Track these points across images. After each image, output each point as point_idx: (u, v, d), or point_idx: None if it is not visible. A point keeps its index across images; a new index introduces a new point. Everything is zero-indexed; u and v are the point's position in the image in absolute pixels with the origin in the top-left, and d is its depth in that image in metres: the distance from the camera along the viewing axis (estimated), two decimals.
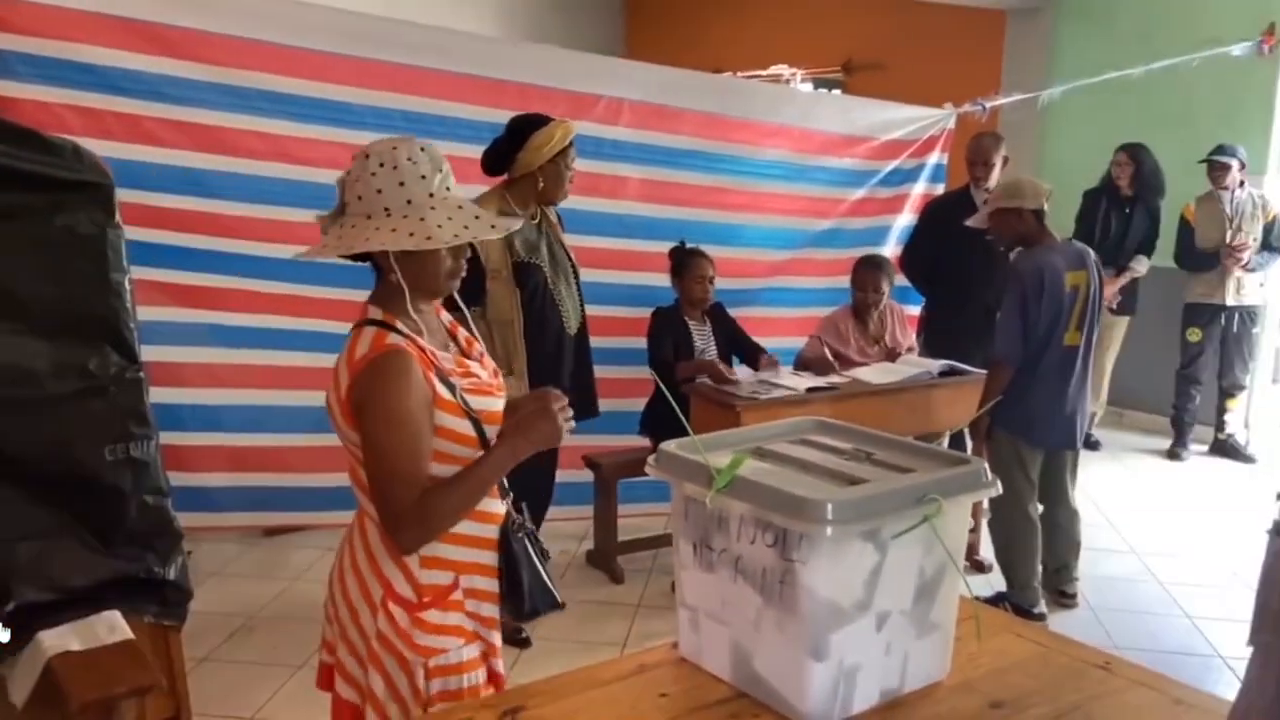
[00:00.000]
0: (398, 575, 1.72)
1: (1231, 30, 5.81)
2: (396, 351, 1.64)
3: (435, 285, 1.73)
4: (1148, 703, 1.60)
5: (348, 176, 1.69)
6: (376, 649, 1.72)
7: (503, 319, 3.31)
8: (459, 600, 1.76)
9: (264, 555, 4.30)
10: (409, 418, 1.64)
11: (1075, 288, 3.67)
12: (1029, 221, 3.69)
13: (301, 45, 3.57)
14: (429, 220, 1.62)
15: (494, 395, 1.78)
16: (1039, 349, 3.65)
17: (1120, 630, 3.76)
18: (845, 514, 1.41)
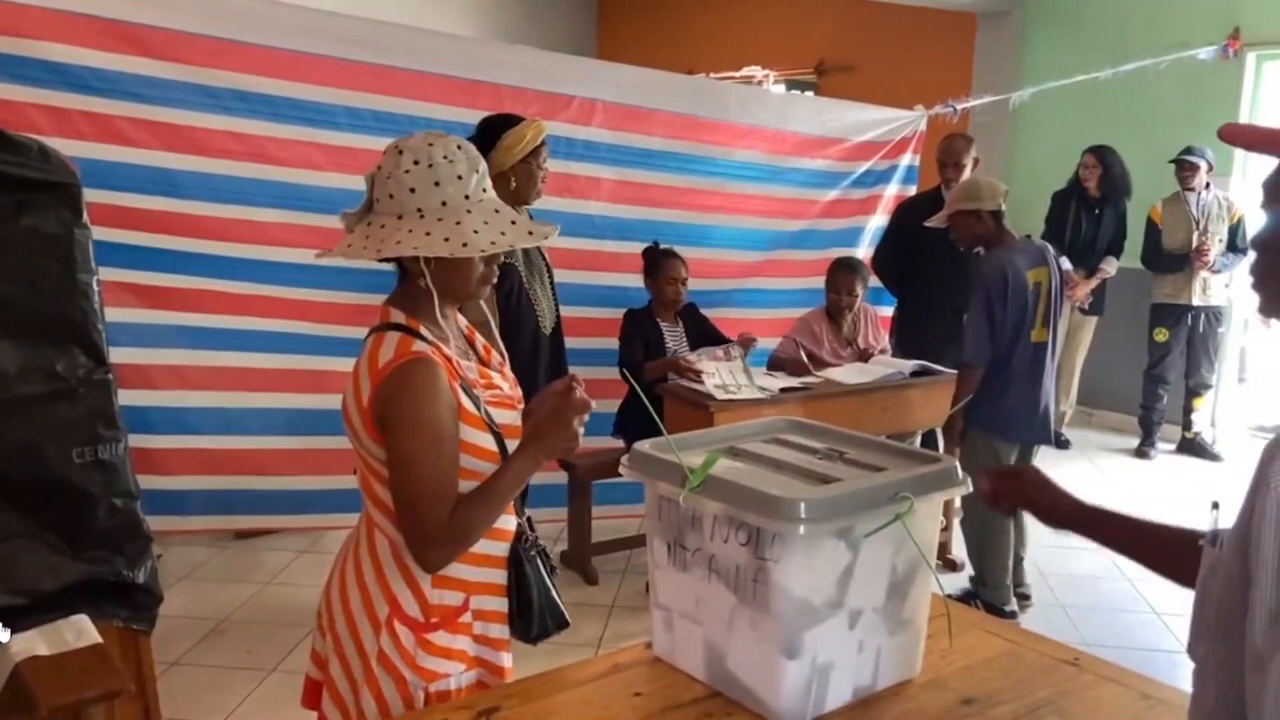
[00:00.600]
0: (407, 594, 1.64)
1: (1197, 34, 5.90)
2: (424, 360, 1.55)
3: (466, 291, 1.64)
4: (1116, 698, 1.62)
5: (378, 172, 1.58)
6: (375, 669, 1.63)
7: (477, 320, 3.30)
8: (468, 623, 1.68)
9: (235, 558, 4.27)
10: (440, 430, 1.55)
11: (1038, 285, 3.72)
12: (987, 222, 3.73)
13: (274, 45, 3.54)
14: (465, 224, 1.53)
15: (513, 407, 1.71)
16: (1008, 348, 3.69)
17: (1090, 627, 3.81)
18: (818, 513, 1.42)
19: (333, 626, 1.70)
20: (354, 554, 1.70)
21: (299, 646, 3.49)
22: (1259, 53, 5.99)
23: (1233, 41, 5.90)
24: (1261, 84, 6.08)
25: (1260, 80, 6.08)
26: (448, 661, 1.66)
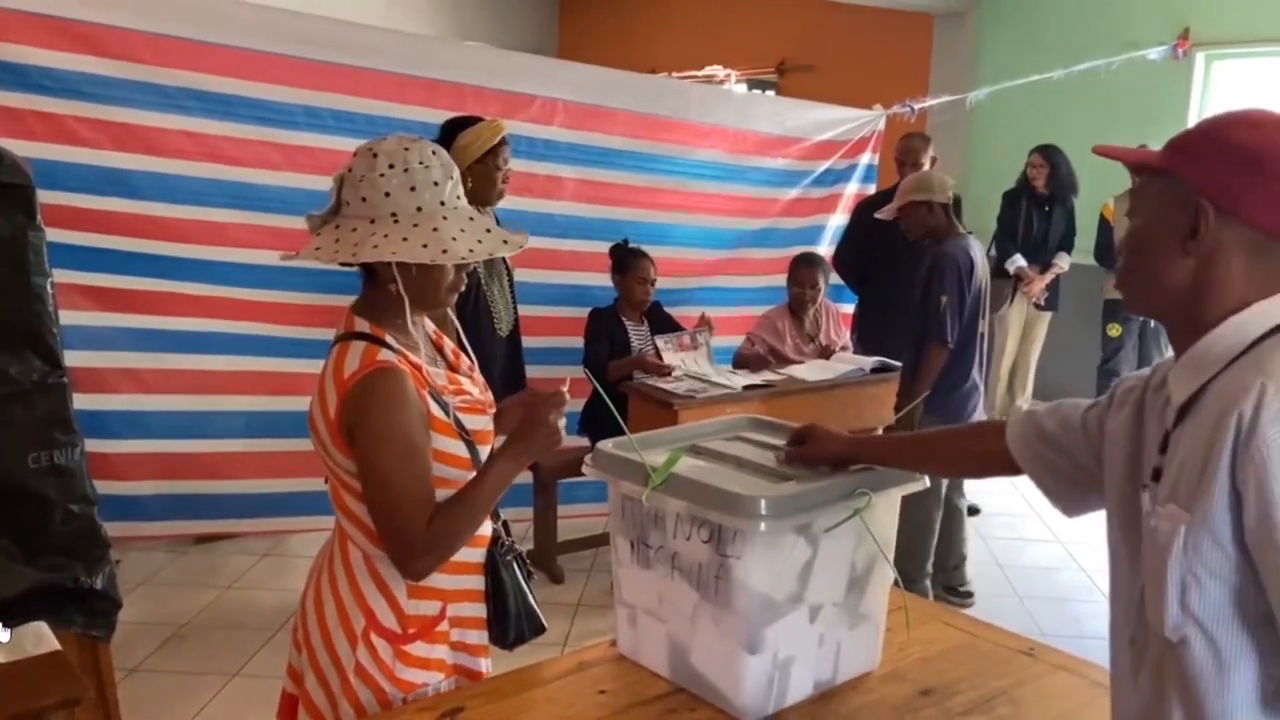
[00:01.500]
0: (382, 605, 1.61)
1: (1148, 35, 6.01)
2: (390, 369, 1.53)
3: (436, 299, 1.61)
4: (1068, 686, 1.66)
5: (348, 174, 1.54)
6: (353, 681, 1.60)
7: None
8: (445, 632, 1.66)
9: (195, 563, 4.22)
10: (411, 438, 1.53)
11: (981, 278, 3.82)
12: (938, 215, 3.78)
13: (229, 43, 3.50)
14: (442, 231, 1.51)
15: (485, 413, 1.70)
16: (965, 335, 3.74)
17: (1046, 617, 3.88)
18: (778, 510, 1.45)
19: (308, 640, 1.67)
20: (328, 566, 1.68)
21: (261, 651, 3.46)
22: (1208, 52, 6.12)
23: (1182, 41, 6.02)
24: (1210, 83, 6.21)
25: (1209, 79, 6.21)
26: (426, 672, 1.64)
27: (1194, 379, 1.09)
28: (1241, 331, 1.07)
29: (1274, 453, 0.96)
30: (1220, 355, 1.07)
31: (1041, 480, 1.40)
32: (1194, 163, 1.10)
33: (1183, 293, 1.11)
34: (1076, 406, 1.37)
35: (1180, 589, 1.05)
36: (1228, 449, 0.99)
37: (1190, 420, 1.08)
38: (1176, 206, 1.09)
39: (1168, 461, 1.10)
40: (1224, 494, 1.00)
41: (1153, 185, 1.15)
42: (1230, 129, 1.09)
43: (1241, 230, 1.07)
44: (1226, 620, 1.03)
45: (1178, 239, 1.09)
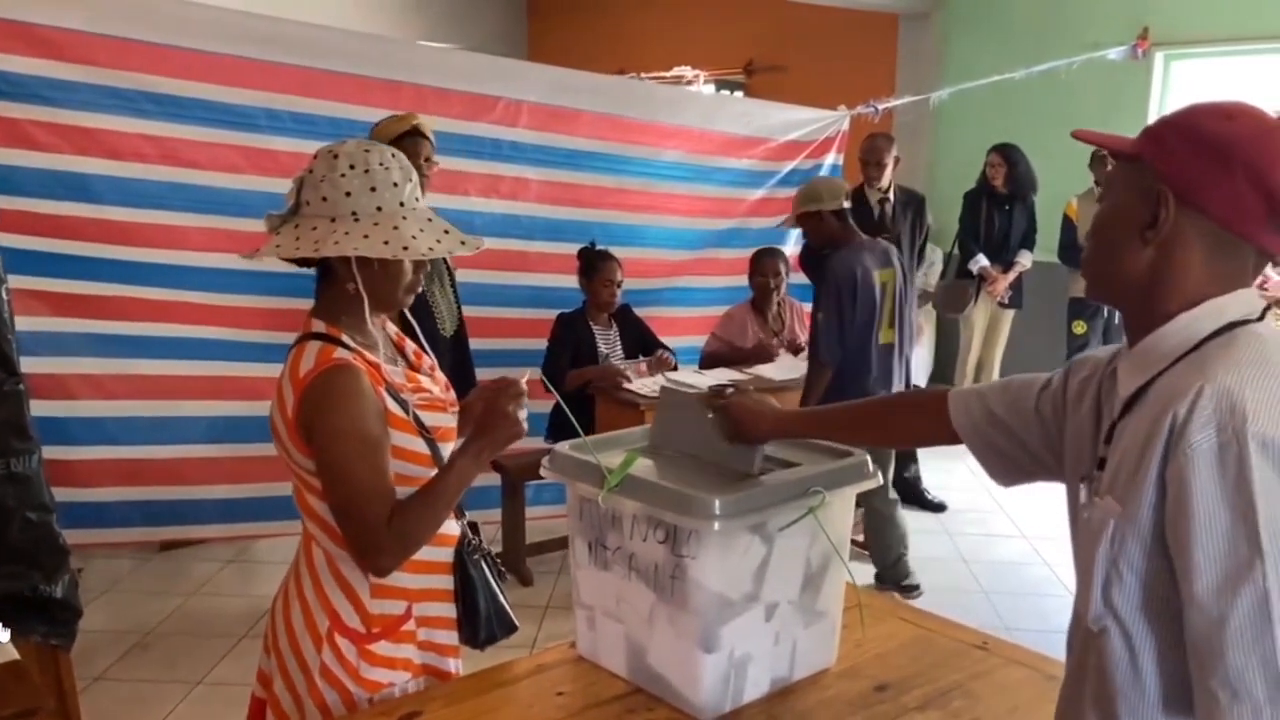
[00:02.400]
0: (346, 606, 1.61)
1: (1109, 35, 6.08)
2: (344, 366, 1.54)
3: (393, 299, 1.62)
4: (1022, 679, 1.68)
5: (309, 175, 1.56)
6: (319, 682, 1.60)
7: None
8: (411, 631, 1.66)
9: (159, 570, 4.18)
10: (367, 434, 1.53)
11: (884, 285, 3.71)
12: (831, 222, 3.71)
13: (188, 46, 3.47)
14: (402, 229, 1.53)
15: (446, 411, 1.70)
16: (858, 349, 3.66)
17: (1011, 611, 3.91)
18: (732, 509, 1.46)
19: (276, 644, 1.67)
20: (295, 568, 1.68)
21: (225, 658, 3.44)
22: (1167, 52, 6.20)
23: (1142, 41, 6.10)
24: (1170, 82, 6.30)
25: (1168, 78, 6.29)
26: (391, 671, 1.64)
27: (1141, 373, 1.10)
28: (1191, 328, 1.06)
29: (1199, 455, 0.97)
30: (1168, 352, 1.07)
31: (986, 460, 1.38)
32: (1162, 150, 1.08)
33: (1140, 282, 1.10)
34: (1028, 388, 1.34)
35: (1104, 581, 1.06)
36: (1160, 448, 1.00)
37: (1134, 413, 1.09)
38: (1140, 194, 1.09)
39: (1111, 452, 1.11)
40: (1152, 491, 1.02)
41: (1122, 171, 1.14)
42: (1203, 119, 1.07)
43: (1201, 222, 1.06)
44: (1142, 615, 1.05)
45: (1138, 227, 1.09)
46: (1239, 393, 0.97)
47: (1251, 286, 1.09)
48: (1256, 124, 1.05)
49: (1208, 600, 0.96)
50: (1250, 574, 0.94)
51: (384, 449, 1.56)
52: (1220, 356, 1.02)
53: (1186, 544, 0.98)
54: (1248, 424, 0.95)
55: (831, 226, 3.71)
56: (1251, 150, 1.03)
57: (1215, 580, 0.96)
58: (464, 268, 3.76)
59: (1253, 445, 0.95)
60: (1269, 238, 1.06)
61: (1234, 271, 1.08)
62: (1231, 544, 0.95)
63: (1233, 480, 0.95)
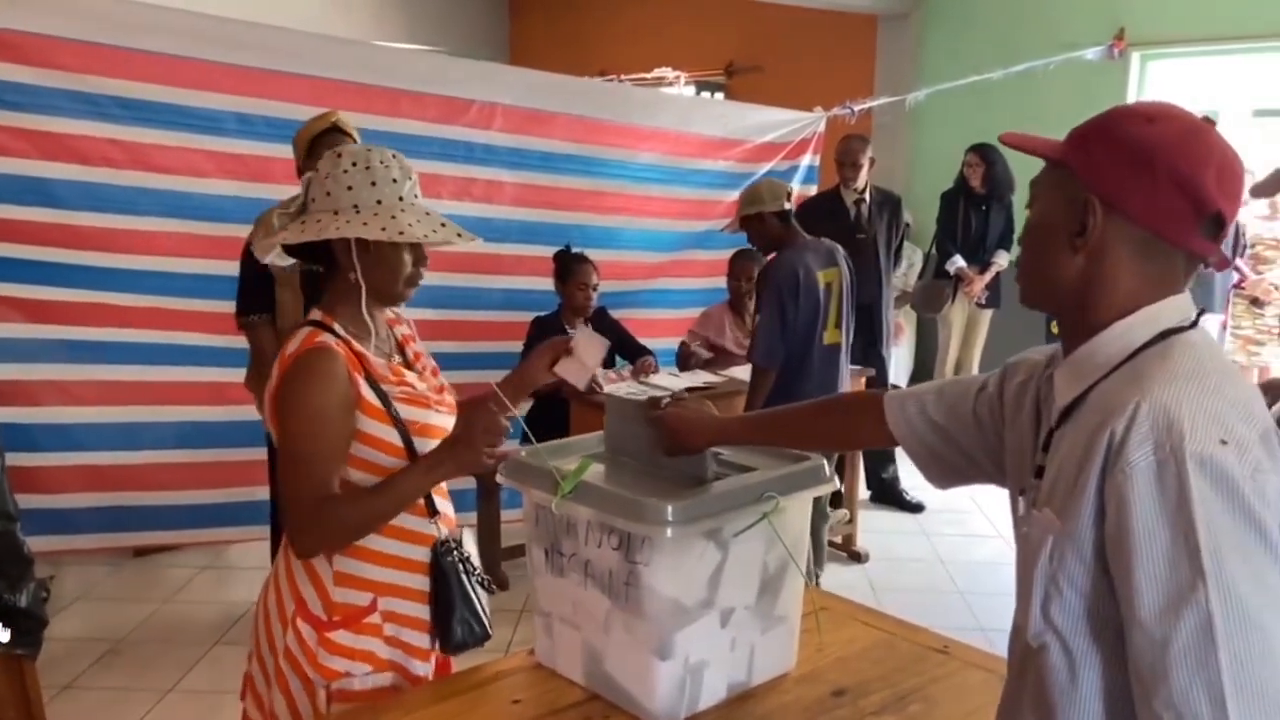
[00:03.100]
0: (310, 591, 1.66)
1: (1084, 35, 6.10)
2: (322, 349, 1.61)
3: (393, 290, 1.69)
4: (980, 682, 1.68)
5: (315, 174, 1.66)
6: (283, 666, 1.66)
7: (289, 326, 3.23)
8: (375, 624, 1.67)
9: (133, 576, 4.15)
10: (323, 418, 1.59)
11: (829, 285, 3.64)
12: (773, 224, 3.65)
13: (157, 50, 3.45)
14: (400, 219, 1.61)
15: (428, 407, 1.71)
16: (802, 350, 3.59)
17: (986, 612, 3.92)
18: (685, 515, 1.45)
19: (256, 624, 1.75)
20: (281, 553, 1.74)
21: (196, 666, 3.41)
22: (1143, 52, 6.22)
23: (1118, 42, 6.11)
24: (1146, 82, 6.32)
25: (1144, 78, 6.31)
26: (350, 661, 1.66)
27: (1078, 382, 1.08)
28: (1126, 337, 1.05)
29: (1137, 474, 0.95)
30: (1103, 362, 1.06)
31: (921, 462, 1.38)
32: (1086, 156, 1.06)
33: (1072, 291, 1.09)
34: (965, 391, 1.33)
35: (1044, 597, 1.05)
36: (1098, 465, 0.99)
37: (1071, 423, 1.07)
38: (1067, 201, 1.07)
39: (1049, 461, 1.10)
40: (1091, 508, 1.00)
41: (1049, 177, 1.12)
42: (1124, 123, 1.05)
43: (1129, 229, 1.04)
44: (1082, 631, 1.04)
45: (1067, 235, 1.07)
46: (1176, 409, 0.96)
47: (1184, 292, 1.08)
48: (1179, 126, 1.04)
49: (1150, 622, 0.94)
50: (1193, 596, 0.92)
51: (335, 434, 1.61)
52: (1156, 369, 1.01)
53: (1128, 565, 0.96)
54: (1185, 442, 0.94)
55: (774, 228, 3.65)
56: (1174, 154, 1.02)
57: (1158, 602, 0.94)
58: (437, 270, 3.73)
59: (1191, 464, 0.93)
60: (1198, 242, 1.05)
61: (1165, 276, 1.06)
62: (1173, 565, 0.93)
63: (1172, 500, 0.94)
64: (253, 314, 3.22)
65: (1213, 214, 1.02)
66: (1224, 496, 0.93)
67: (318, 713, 1.65)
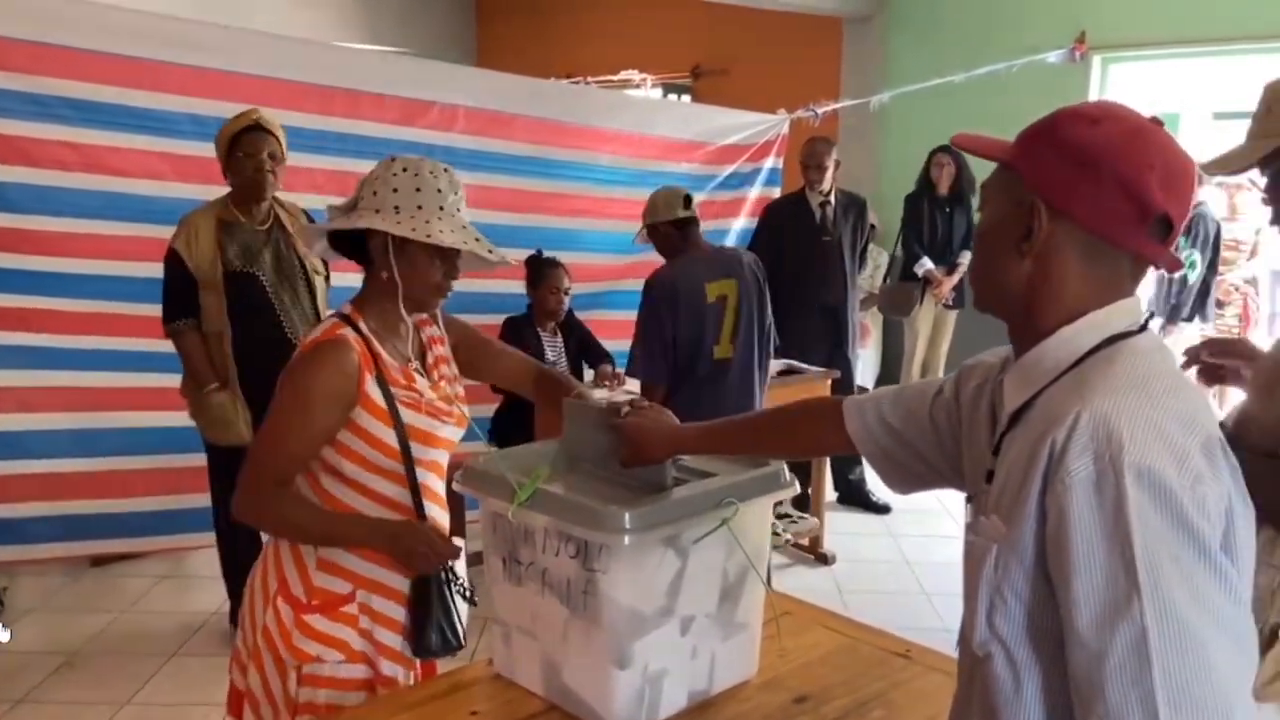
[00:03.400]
0: (293, 573, 1.71)
1: (1047, 38, 6.15)
2: (337, 341, 1.67)
3: (421, 295, 1.73)
4: (940, 686, 1.67)
5: (368, 176, 1.73)
6: (259, 643, 1.72)
7: (214, 330, 3.21)
8: (352, 614, 1.72)
9: (91, 586, 4.07)
10: (310, 400, 1.65)
11: (721, 298, 3.43)
12: (669, 235, 3.50)
13: (111, 50, 3.38)
14: (433, 224, 1.66)
15: (425, 413, 1.75)
16: (687, 365, 3.41)
17: (952, 613, 3.88)
18: (642, 522, 1.43)
19: (245, 598, 1.80)
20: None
21: (155, 677, 3.35)
22: (1104, 55, 6.29)
23: (1079, 45, 6.17)
24: (1107, 84, 6.39)
25: (1106, 81, 6.38)
26: (322, 646, 1.70)
27: (1026, 388, 1.08)
28: (1072, 344, 1.04)
29: (1076, 485, 0.94)
30: (1050, 367, 1.05)
31: (881, 468, 1.37)
32: (1031, 159, 1.05)
33: (1019, 295, 1.08)
34: (921, 396, 1.32)
35: (988, 607, 1.04)
36: (1040, 474, 0.98)
37: (1019, 429, 1.07)
38: (1014, 204, 1.06)
39: (998, 466, 1.09)
40: (1033, 517, 0.99)
41: (998, 180, 1.11)
42: (1069, 124, 1.04)
43: (1076, 232, 1.03)
44: (1025, 641, 1.03)
45: (1014, 239, 1.06)
46: (1116, 419, 0.94)
47: (1133, 295, 1.07)
48: (1123, 127, 1.03)
49: (1088, 635, 0.93)
50: (1128, 609, 0.91)
51: (319, 427, 1.67)
52: (1099, 378, 1.00)
53: (1067, 576, 0.95)
54: (1124, 453, 0.92)
55: (671, 238, 3.49)
56: (1119, 155, 1.01)
57: (1094, 615, 0.93)
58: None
59: (1129, 475, 0.92)
60: (1144, 243, 1.03)
61: (1112, 279, 1.05)
62: (1109, 578, 0.92)
63: (1110, 511, 0.93)
64: (177, 320, 3.18)
65: (1159, 216, 1.01)
66: (1162, 508, 0.92)
67: (287, 694, 1.70)
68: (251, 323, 3.20)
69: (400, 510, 1.74)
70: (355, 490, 1.71)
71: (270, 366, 3.13)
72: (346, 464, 1.69)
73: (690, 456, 1.71)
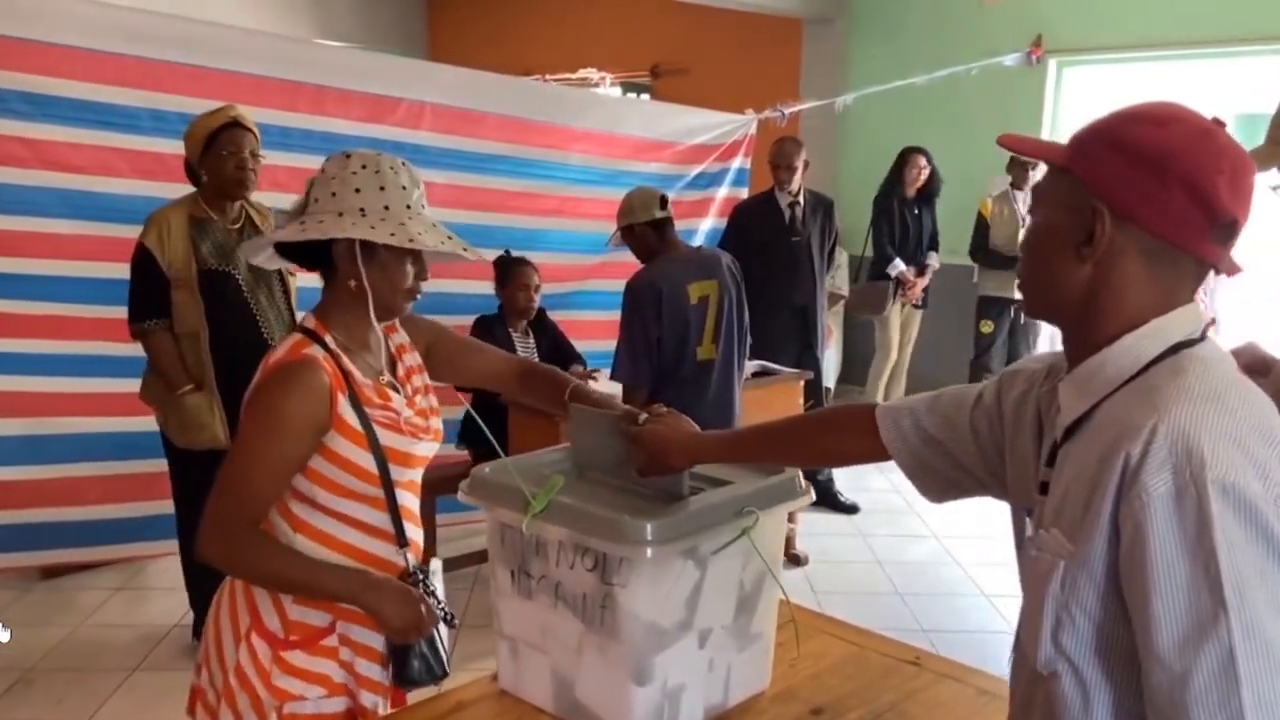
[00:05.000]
0: (268, 606, 1.58)
1: (1004, 42, 6.23)
2: (306, 362, 1.54)
3: (391, 301, 1.61)
4: (955, 695, 1.65)
5: (320, 175, 1.59)
6: (233, 683, 1.58)
7: (188, 331, 3.09)
8: (332, 647, 1.60)
9: (42, 600, 3.91)
10: (281, 428, 1.52)
11: (704, 299, 3.40)
12: (646, 236, 3.44)
13: (65, 42, 3.26)
14: (409, 226, 1.55)
15: (404, 433, 1.62)
16: (672, 367, 3.37)
17: (925, 614, 3.94)
18: (665, 534, 1.39)
19: (206, 632, 1.67)
20: None
21: (116, 693, 3.23)
22: (1059, 59, 6.39)
23: (1036, 49, 6.27)
24: (1062, 87, 6.49)
25: (1061, 84, 6.49)
26: (304, 683, 1.58)
27: (1085, 398, 1.04)
28: (1135, 351, 1.01)
29: (1155, 501, 0.91)
30: (1112, 377, 1.02)
31: (918, 478, 1.32)
32: (1093, 162, 1.02)
33: (1078, 301, 1.04)
34: (960, 404, 1.28)
35: (1054, 624, 1.00)
36: (1113, 488, 0.94)
37: (1079, 439, 1.04)
38: (1073, 209, 1.02)
39: (1055, 477, 1.06)
40: (1105, 533, 0.96)
41: (1053, 183, 1.07)
42: (1132, 126, 1.01)
43: (1140, 237, 1.00)
44: (1095, 658, 1.00)
45: (1073, 244, 1.02)
46: (1195, 434, 0.92)
47: (1194, 301, 1.04)
48: (1190, 129, 1.00)
49: (1169, 656, 0.90)
50: (1214, 629, 0.88)
51: (292, 448, 1.54)
52: (1171, 389, 0.97)
53: (1144, 595, 0.92)
54: (1207, 469, 0.90)
55: (648, 239, 3.43)
56: (1187, 159, 0.98)
57: (1177, 635, 0.90)
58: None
59: (1213, 491, 0.89)
60: (1209, 248, 1.01)
61: (1174, 285, 1.03)
62: (1193, 597, 0.89)
63: (1193, 528, 0.90)
64: (147, 320, 3.06)
65: (1228, 220, 0.99)
66: (1247, 525, 0.89)
67: None
68: (227, 323, 3.09)
69: (380, 536, 1.61)
70: (331, 518, 1.58)
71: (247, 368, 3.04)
72: (321, 491, 1.56)
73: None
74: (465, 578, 4.13)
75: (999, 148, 1.17)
